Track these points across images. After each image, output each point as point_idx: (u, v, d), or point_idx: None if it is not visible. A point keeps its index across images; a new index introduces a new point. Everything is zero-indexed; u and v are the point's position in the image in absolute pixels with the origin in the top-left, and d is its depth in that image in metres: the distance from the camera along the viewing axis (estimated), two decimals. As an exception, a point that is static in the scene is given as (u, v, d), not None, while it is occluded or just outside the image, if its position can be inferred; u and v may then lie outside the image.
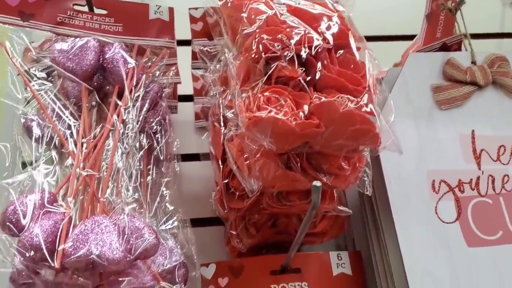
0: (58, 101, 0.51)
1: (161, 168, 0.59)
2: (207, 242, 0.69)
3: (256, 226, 0.60)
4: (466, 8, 0.63)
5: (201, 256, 0.58)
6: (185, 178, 0.73)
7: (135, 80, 0.53)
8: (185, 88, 0.76)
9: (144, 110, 0.55)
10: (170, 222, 0.52)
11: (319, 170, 0.49)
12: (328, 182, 0.49)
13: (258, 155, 0.48)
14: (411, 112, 0.58)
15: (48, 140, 0.50)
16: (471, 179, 0.56)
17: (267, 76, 0.45)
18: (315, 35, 0.46)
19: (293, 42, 0.45)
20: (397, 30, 0.86)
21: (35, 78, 0.53)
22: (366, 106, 0.45)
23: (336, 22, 0.48)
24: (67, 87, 0.54)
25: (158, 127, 0.58)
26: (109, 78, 0.54)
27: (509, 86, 0.60)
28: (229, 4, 0.50)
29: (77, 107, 0.54)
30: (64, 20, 0.56)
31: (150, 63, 0.59)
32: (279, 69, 0.45)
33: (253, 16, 0.47)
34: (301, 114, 0.43)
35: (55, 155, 0.48)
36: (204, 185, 0.73)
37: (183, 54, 0.67)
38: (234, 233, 0.60)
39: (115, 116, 0.50)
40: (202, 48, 0.59)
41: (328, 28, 0.47)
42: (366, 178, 0.51)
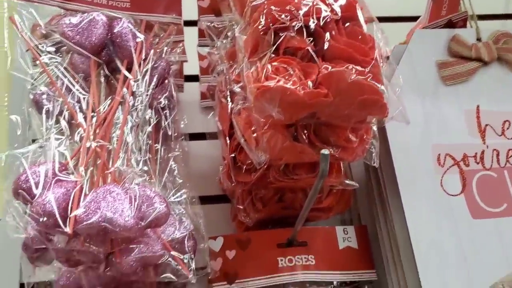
0: (67, 75, 0.51)
1: (170, 144, 0.60)
2: (214, 219, 0.69)
3: (263, 201, 0.61)
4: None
5: (208, 232, 0.59)
6: (191, 157, 0.73)
7: (143, 54, 0.53)
8: (190, 68, 0.77)
9: (152, 85, 0.55)
10: (179, 194, 0.53)
11: (326, 143, 0.50)
12: (336, 154, 0.50)
13: (265, 127, 0.49)
14: (417, 87, 0.59)
15: (58, 113, 0.51)
16: (476, 153, 0.57)
17: (275, 46, 0.45)
18: (323, 7, 0.46)
19: (301, 13, 0.45)
20: (401, 11, 0.86)
21: (44, 53, 0.54)
22: (374, 76, 0.45)
23: (343, -6, 0.48)
24: (75, 62, 0.54)
25: (166, 103, 0.59)
26: (117, 52, 0.54)
27: (514, 62, 0.60)
28: (237, -23, 0.50)
29: (85, 81, 0.54)
30: (73, -5, 0.56)
31: (157, 40, 0.59)
32: (288, 40, 0.45)
33: (261, -12, 0.48)
34: (309, 83, 0.44)
35: (65, 126, 0.49)
36: (210, 164, 0.73)
37: (189, 35, 0.68)
38: (241, 207, 0.61)
39: (124, 89, 0.51)
40: (209, 24, 0.60)
41: (336, 0, 0.47)
42: (373, 150, 0.51)
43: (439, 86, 0.59)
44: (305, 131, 0.50)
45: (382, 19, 0.84)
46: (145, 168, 0.52)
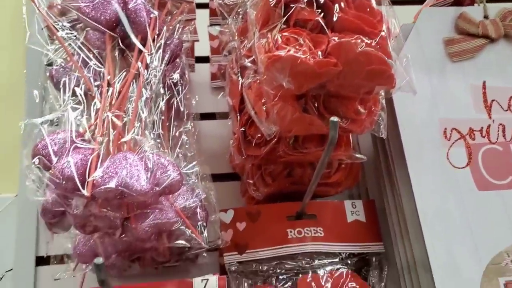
0: (83, 48, 0.53)
1: (181, 120, 0.61)
2: (224, 196, 0.71)
3: (272, 175, 0.62)
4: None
5: (219, 207, 0.60)
6: (202, 136, 0.75)
7: (157, 30, 0.55)
8: (201, 50, 0.78)
9: (165, 60, 0.56)
10: (191, 166, 0.54)
11: (335, 114, 0.51)
12: (345, 125, 0.51)
13: (275, 99, 0.50)
14: (424, 64, 0.60)
15: (74, 85, 0.52)
16: (482, 127, 0.58)
17: (285, 18, 0.47)
18: (333, -21, 0.47)
19: (311, -15, 0.47)
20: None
21: (61, 29, 0.55)
22: (381, 48, 0.46)
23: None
24: (91, 38, 0.56)
25: (178, 79, 0.60)
26: (132, 28, 0.56)
27: (521, 40, 0.61)
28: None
29: (101, 57, 0.56)
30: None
31: (169, 18, 0.61)
32: (298, 12, 0.47)
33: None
34: (319, 53, 0.45)
35: (82, 98, 0.50)
36: (220, 143, 0.75)
37: (199, 17, 0.69)
38: (251, 181, 0.62)
39: (139, 62, 0.52)
40: (220, 2, 0.61)
41: (345, -27, 0.48)
42: (381, 122, 0.52)
43: (446, 63, 0.60)
44: (315, 103, 0.51)
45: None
46: (158, 141, 0.54)
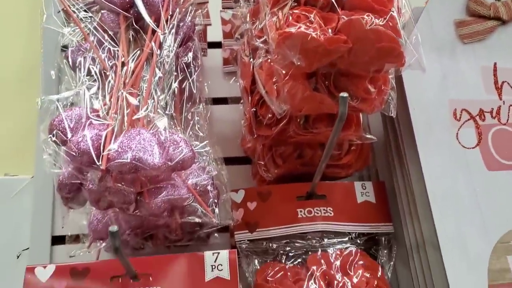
0: (99, 29, 0.54)
1: (194, 101, 0.62)
2: (235, 179, 0.71)
3: (283, 156, 0.63)
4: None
5: (230, 189, 0.61)
6: (214, 121, 0.76)
7: (170, 11, 0.56)
8: (213, 35, 0.79)
9: (178, 42, 0.57)
10: (202, 145, 0.55)
11: (345, 93, 0.52)
12: (355, 105, 0.52)
13: (286, 78, 0.51)
14: (434, 46, 0.60)
15: (89, 65, 0.53)
16: (492, 109, 0.58)
17: (296, -4, 0.47)
18: (343, -43, 0.48)
19: (321, -37, 0.47)
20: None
21: (77, 12, 0.56)
22: (391, 26, 0.47)
23: None
24: (105, 20, 0.57)
25: (191, 61, 0.61)
26: (145, 9, 0.57)
27: (532, 22, 0.61)
28: None
29: (115, 38, 0.57)
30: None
31: (182, 0, 0.61)
32: (308, -10, 0.47)
33: None
34: (329, 30, 0.46)
35: (97, 76, 0.51)
36: (232, 127, 0.76)
37: (212, 2, 0.69)
38: (262, 163, 0.63)
39: (152, 42, 0.53)
40: (232, -16, 0.62)
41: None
42: (391, 101, 0.53)
43: (456, 45, 0.60)
44: (325, 82, 0.52)
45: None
46: (171, 122, 0.55)
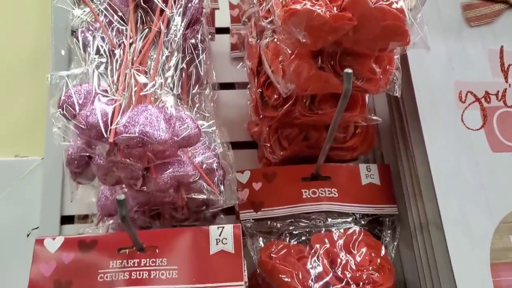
0: (109, 8, 0.55)
1: (201, 83, 0.63)
2: (242, 163, 0.72)
3: (288, 139, 0.64)
4: None
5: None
6: (221, 105, 0.77)
7: (178, -8, 0.57)
8: (221, 21, 0.80)
9: (185, 22, 0.58)
10: (208, 125, 0.56)
11: (351, 74, 0.52)
12: (360, 84, 0.52)
13: (292, 57, 0.51)
14: (441, 29, 0.60)
15: (98, 44, 0.54)
16: (498, 91, 0.58)
17: (302, -25, 0.48)
18: None
19: None
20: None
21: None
22: (396, 3, 0.47)
23: None
24: (114, 2, 0.58)
25: (198, 43, 0.62)
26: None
27: (540, 5, 0.61)
28: None
29: (124, 19, 0.58)
30: None
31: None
32: (314, -32, 0.48)
33: None
34: (334, 8, 0.46)
35: (106, 54, 0.52)
36: (239, 112, 0.77)
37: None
38: (268, 144, 0.64)
39: (160, 22, 0.54)
40: (240, -33, 0.62)
41: None
42: (396, 82, 0.53)
43: (463, 28, 0.61)
44: (331, 62, 0.52)
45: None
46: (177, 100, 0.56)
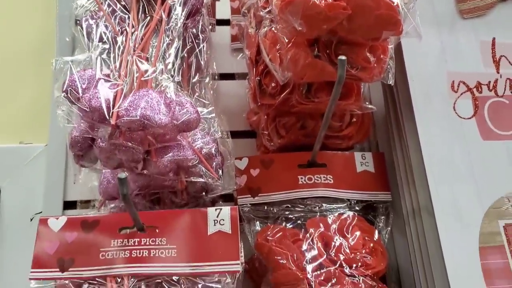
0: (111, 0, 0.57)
1: (202, 72, 0.65)
2: (240, 151, 0.74)
3: (286, 127, 0.65)
4: None
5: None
6: (220, 95, 0.79)
7: (179, -18, 0.58)
8: (222, 13, 0.82)
9: (186, 11, 0.60)
10: (208, 111, 0.58)
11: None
12: (354, 73, 0.54)
13: (289, 45, 0.53)
14: (435, 21, 0.62)
15: (102, 31, 0.56)
16: (489, 81, 0.60)
17: (299, -35, 0.49)
18: None
19: None
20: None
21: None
22: (390, -6, 0.49)
23: None
24: (118, -9, 0.60)
25: (199, 32, 0.64)
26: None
27: (533, -2, 0.63)
28: None
29: (127, 8, 0.59)
30: None
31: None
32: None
33: None
34: (329, -3, 0.48)
35: (109, 40, 0.54)
36: (238, 102, 0.78)
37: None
38: (266, 132, 0.65)
39: (161, 10, 0.55)
40: (240, -41, 0.64)
41: None
42: (390, 70, 0.55)
43: (456, 20, 0.62)
44: (326, 50, 0.54)
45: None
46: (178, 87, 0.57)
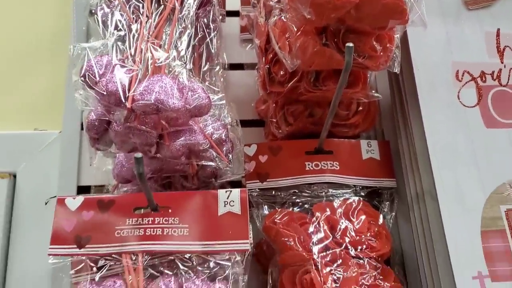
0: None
1: (212, 60, 0.67)
2: (249, 140, 0.75)
3: (294, 115, 0.67)
4: None
5: (244, 145, 0.66)
6: (230, 84, 0.81)
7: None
8: (231, 4, 0.83)
9: (198, 1, 0.61)
10: (218, 98, 0.60)
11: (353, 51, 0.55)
12: (361, 61, 0.56)
13: (298, 34, 0.55)
14: (440, 12, 0.63)
15: (117, 19, 0.58)
16: (493, 71, 0.61)
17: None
18: None
19: None
20: None
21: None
22: (396, -16, 0.50)
23: None
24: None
25: (209, 22, 0.66)
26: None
27: (538, -10, 0.64)
28: None
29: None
30: None
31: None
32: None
33: None
34: (338, -14, 0.49)
35: (124, 27, 0.56)
36: (247, 91, 0.80)
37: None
38: (274, 120, 0.67)
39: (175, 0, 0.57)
40: (251, -50, 0.66)
41: None
42: (395, 59, 0.56)
43: (461, 11, 0.64)
44: (334, 39, 0.56)
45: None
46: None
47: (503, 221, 0.54)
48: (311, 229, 0.57)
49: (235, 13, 0.85)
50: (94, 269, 0.50)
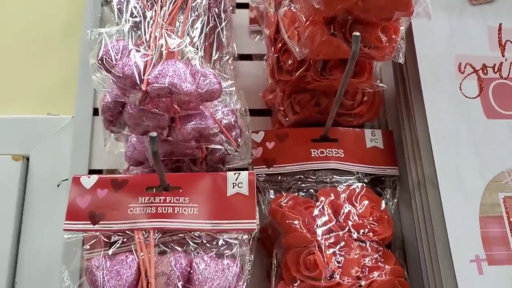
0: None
1: (222, 49, 0.69)
2: (256, 128, 0.76)
3: (301, 104, 0.69)
4: None
5: (251, 132, 0.68)
6: (238, 75, 0.83)
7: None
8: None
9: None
10: (228, 84, 0.62)
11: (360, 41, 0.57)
12: (367, 51, 0.58)
13: (307, 23, 0.57)
14: (444, 6, 0.65)
15: (132, 7, 0.60)
16: (495, 64, 0.63)
17: None
18: None
19: None
20: None
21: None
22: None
23: None
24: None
25: (221, 12, 0.68)
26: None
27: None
28: None
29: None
30: None
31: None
32: None
33: None
34: (346, -23, 0.51)
35: (139, 14, 0.58)
36: (255, 81, 0.82)
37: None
38: (281, 108, 0.69)
39: (188, -11, 0.59)
40: None
41: None
42: (400, 50, 0.58)
43: (465, 5, 0.65)
44: (342, 30, 0.58)
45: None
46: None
47: (501, 208, 0.56)
48: (315, 212, 0.59)
49: (244, 5, 0.87)
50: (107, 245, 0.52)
